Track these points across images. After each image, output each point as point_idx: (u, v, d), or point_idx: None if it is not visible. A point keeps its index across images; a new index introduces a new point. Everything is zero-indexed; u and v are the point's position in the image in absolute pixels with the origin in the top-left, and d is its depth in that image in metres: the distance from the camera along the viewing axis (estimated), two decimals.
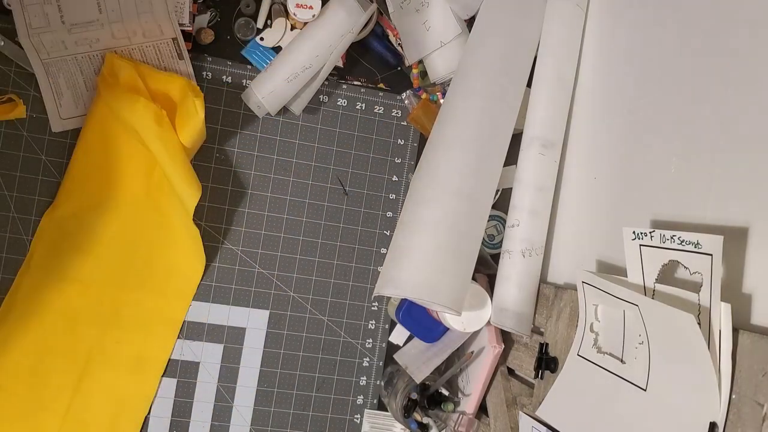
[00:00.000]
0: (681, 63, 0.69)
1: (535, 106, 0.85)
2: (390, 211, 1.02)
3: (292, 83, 0.90)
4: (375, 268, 1.02)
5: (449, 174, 0.80)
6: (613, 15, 0.82)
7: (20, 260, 0.89)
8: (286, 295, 0.99)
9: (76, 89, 0.86)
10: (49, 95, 0.86)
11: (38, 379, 0.90)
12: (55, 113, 0.87)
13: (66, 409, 0.91)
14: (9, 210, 0.89)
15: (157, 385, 0.94)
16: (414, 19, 0.92)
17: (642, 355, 0.62)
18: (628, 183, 0.74)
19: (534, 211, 0.84)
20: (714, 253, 0.55)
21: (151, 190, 0.92)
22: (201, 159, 0.95)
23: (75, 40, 0.80)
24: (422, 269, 0.77)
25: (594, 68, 0.84)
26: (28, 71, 0.86)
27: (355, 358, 1.01)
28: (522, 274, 0.83)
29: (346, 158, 1.00)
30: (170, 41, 0.84)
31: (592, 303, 0.70)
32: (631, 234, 0.63)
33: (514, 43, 0.86)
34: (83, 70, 0.84)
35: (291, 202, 0.98)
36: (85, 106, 0.88)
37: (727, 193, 0.60)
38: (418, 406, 0.94)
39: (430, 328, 0.93)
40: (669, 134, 0.69)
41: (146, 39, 0.82)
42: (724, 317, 0.55)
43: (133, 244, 0.92)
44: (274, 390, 0.98)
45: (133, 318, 0.93)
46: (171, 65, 0.87)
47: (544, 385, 0.78)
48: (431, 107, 0.97)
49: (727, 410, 0.53)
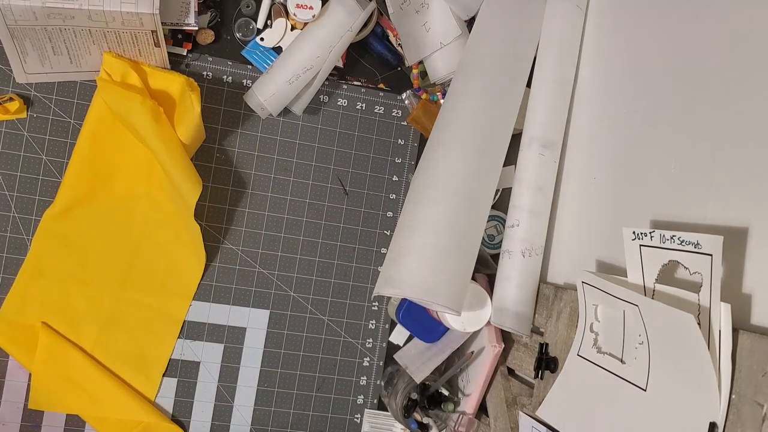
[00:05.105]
0: (681, 63, 0.69)
1: (535, 106, 0.85)
2: (390, 211, 1.02)
3: (293, 85, 0.90)
4: (375, 268, 1.02)
5: (449, 174, 0.80)
6: (612, 15, 0.82)
7: (20, 260, 0.89)
8: (286, 294, 0.99)
9: (43, 52, 0.85)
10: (13, 52, 0.84)
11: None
12: (20, 67, 0.86)
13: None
14: (9, 210, 0.89)
15: (159, 384, 0.94)
16: (414, 20, 0.92)
17: (642, 355, 0.62)
18: (628, 183, 0.74)
19: (534, 211, 0.84)
20: (714, 253, 0.55)
21: (151, 189, 0.92)
22: (201, 159, 0.95)
23: (48, 14, 0.78)
24: (422, 269, 0.77)
25: (594, 68, 0.84)
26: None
27: (355, 357, 1.01)
28: (522, 274, 0.83)
29: (347, 158, 1.00)
30: (149, 32, 0.83)
31: (592, 303, 0.70)
32: (631, 234, 0.63)
33: (514, 43, 0.86)
34: (52, 39, 0.82)
35: (291, 202, 0.98)
36: (52, 67, 0.87)
37: (727, 193, 0.60)
38: (418, 406, 0.94)
39: (430, 328, 0.93)
40: (669, 134, 0.69)
41: (124, 27, 0.81)
42: (724, 317, 0.55)
43: (134, 243, 0.92)
44: (274, 390, 0.98)
45: (134, 317, 0.93)
46: (146, 51, 0.86)
47: (544, 385, 0.78)
48: (431, 107, 0.97)
49: (726, 410, 0.53)
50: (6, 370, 0.90)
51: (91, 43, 0.85)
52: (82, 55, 0.87)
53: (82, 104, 0.90)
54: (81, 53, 0.86)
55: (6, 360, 0.90)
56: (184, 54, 0.93)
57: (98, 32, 0.83)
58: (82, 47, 0.85)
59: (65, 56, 0.86)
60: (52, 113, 0.90)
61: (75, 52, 0.86)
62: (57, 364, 0.89)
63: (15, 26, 0.80)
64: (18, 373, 0.90)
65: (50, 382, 0.89)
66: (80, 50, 0.86)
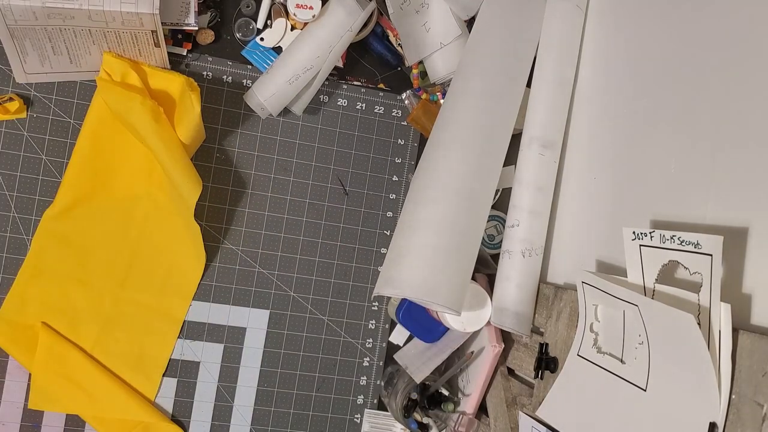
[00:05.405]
0: (681, 63, 0.69)
1: (534, 106, 0.85)
2: (390, 211, 1.02)
3: (293, 85, 0.90)
4: (375, 268, 1.02)
5: (449, 174, 0.80)
6: (612, 15, 0.82)
7: (20, 260, 0.89)
8: (286, 294, 0.99)
9: (43, 52, 0.85)
10: (13, 52, 0.84)
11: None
12: (20, 67, 0.86)
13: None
14: (9, 210, 0.89)
15: (159, 384, 0.94)
16: (414, 20, 0.92)
17: (642, 356, 0.62)
18: (628, 183, 0.74)
19: (534, 211, 0.84)
20: (714, 253, 0.55)
21: (151, 189, 0.92)
22: (201, 159, 0.95)
23: (48, 14, 0.79)
24: (422, 269, 0.77)
25: (594, 68, 0.84)
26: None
27: (355, 357, 1.01)
28: (522, 274, 0.83)
29: (347, 158, 1.00)
30: (149, 32, 0.83)
31: (592, 303, 0.70)
32: (631, 234, 0.63)
33: (514, 43, 0.86)
34: (52, 39, 0.82)
35: (291, 201, 0.98)
36: (52, 67, 0.87)
37: (727, 193, 0.60)
38: (418, 406, 0.94)
39: (430, 328, 0.93)
40: (669, 134, 0.69)
41: (124, 27, 0.81)
42: (723, 317, 0.55)
43: (134, 243, 0.92)
44: (274, 390, 0.98)
45: (134, 317, 0.93)
46: (146, 51, 0.86)
47: (544, 385, 0.78)
48: (431, 107, 0.97)
49: (726, 410, 0.53)
50: (6, 370, 0.90)
51: (91, 43, 0.85)
52: (82, 55, 0.87)
53: (82, 104, 0.90)
54: (81, 53, 0.86)
55: (6, 360, 0.90)
56: (184, 54, 0.93)
57: (98, 32, 0.83)
58: (82, 47, 0.85)
59: (65, 56, 0.86)
60: (52, 113, 0.90)
61: (75, 52, 0.86)
62: (57, 364, 0.89)
63: (15, 26, 0.80)
64: (18, 373, 0.90)
65: (50, 382, 0.89)
66: (80, 50, 0.86)
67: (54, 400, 0.89)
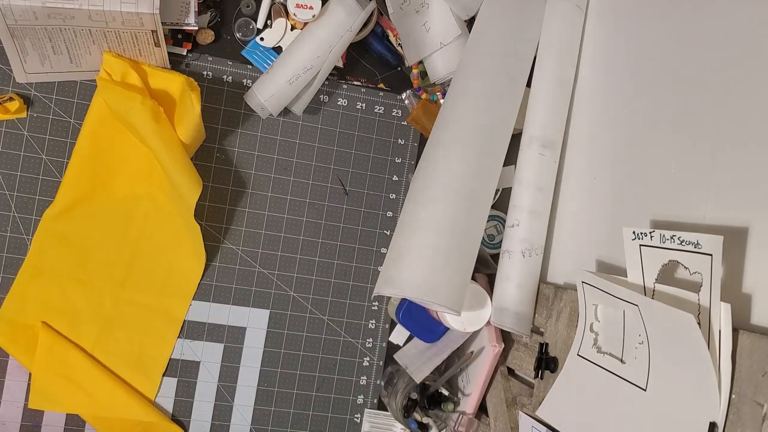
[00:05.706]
0: (681, 63, 0.69)
1: (534, 106, 0.85)
2: (390, 210, 1.02)
3: (293, 85, 0.90)
4: (375, 268, 1.02)
5: (449, 174, 0.80)
6: (612, 15, 0.82)
7: (20, 260, 0.89)
8: (286, 294, 0.99)
9: (43, 51, 0.85)
10: (13, 52, 0.84)
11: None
12: (20, 67, 0.86)
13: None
14: (9, 209, 0.89)
15: (159, 384, 0.94)
16: (414, 20, 0.92)
17: (642, 355, 0.62)
18: (628, 183, 0.74)
19: (534, 211, 0.84)
20: (714, 253, 0.55)
21: (151, 189, 0.92)
22: (202, 159, 0.95)
23: (48, 13, 0.79)
24: (422, 269, 0.77)
25: (594, 68, 0.84)
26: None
27: (355, 357, 1.01)
28: (522, 274, 0.83)
29: (347, 158, 1.00)
30: (149, 31, 0.83)
31: (592, 303, 0.70)
32: (631, 234, 0.63)
33: (514, 43, 0.86)
34: (52, 39, 0.82)
35: (291, 201, 0.98)
36: (52, 66, 0.87)
37: (727, 193, 0.60)
38: (418, 406, 0.94)
39: (430, 328, 0.93)
40: (669, 134, 0.69)
41: (124, 27, 0.81)
42: (723, 317, 0.55)
43: (134, 243, 0.92)
44: (274, 389, 0.98)
45: (134, 317, 0.93)
46: (146, 51, 0.86)
47: (544, 385, 0.78)
48: (431, 107, 0.97)
49: (726, 410, 0.53)
50: (6, 370, 0.90)
51: (91, 43, 0.85)
52: (82, 55, 0.87)
53: (82, 104, 0.90)
54: (81, 53, 0.86)
55: (6, 360, 0.90)
56: (184, 54, 0.93)
57: (98, 32, 0.83)
58: (82, 47, 0.85)
59: (65, 56, 0.86)
60: (52, 113, 0.90)
61: (75, 51, 0.86)
62: (57, 363, 0.89)
63: (15, 26, 0.80)
64: (18, 372, 0.90)
65: (50, 382, 0.89)
66: (80, 50, 0.86)
67: (54, 399, 0.90)
